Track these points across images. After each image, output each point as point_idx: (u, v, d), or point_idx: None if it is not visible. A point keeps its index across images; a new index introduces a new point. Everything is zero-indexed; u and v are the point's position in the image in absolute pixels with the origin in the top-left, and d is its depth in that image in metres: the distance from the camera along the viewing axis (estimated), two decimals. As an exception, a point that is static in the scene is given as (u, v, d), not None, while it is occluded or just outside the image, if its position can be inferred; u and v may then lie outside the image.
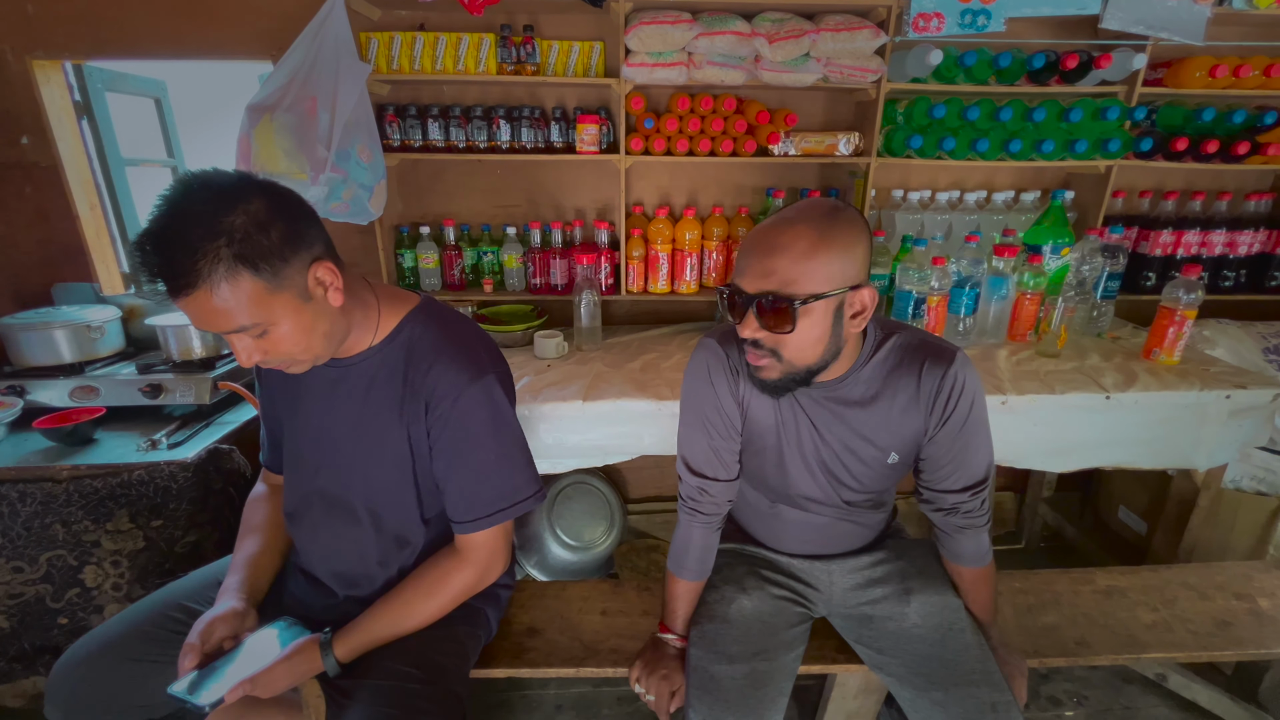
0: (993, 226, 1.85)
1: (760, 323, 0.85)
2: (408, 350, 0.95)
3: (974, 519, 1.00)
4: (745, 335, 0.87)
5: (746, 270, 0.85)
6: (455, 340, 0.96)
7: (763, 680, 1.00)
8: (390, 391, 0.94)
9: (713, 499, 1.04)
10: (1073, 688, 1.62)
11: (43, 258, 1.85)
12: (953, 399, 0.93)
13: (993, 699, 0.95)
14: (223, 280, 0.73)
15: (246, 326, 0.77)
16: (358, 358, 0.95)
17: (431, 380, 0.92)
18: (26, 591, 1.42)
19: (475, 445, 0.94)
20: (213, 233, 0.72)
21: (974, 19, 1.55)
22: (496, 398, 0.95)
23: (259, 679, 0.86)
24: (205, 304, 0.74)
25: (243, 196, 0.76)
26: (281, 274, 0.78)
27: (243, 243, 0.74)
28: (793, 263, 0.82)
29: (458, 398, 0.91)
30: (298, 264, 0.79)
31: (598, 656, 1.17)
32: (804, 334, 0.85)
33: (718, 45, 1.54)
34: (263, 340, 0.81)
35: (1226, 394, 1.41)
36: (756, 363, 0.91)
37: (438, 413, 0.92)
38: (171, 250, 0.72)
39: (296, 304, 0.80)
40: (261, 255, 0.75)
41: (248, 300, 0.76)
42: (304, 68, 1.41)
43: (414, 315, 0.98)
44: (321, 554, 1.03)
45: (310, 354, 0.86)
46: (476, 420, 0.93)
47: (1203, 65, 1.64)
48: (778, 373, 0.90)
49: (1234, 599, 1.29)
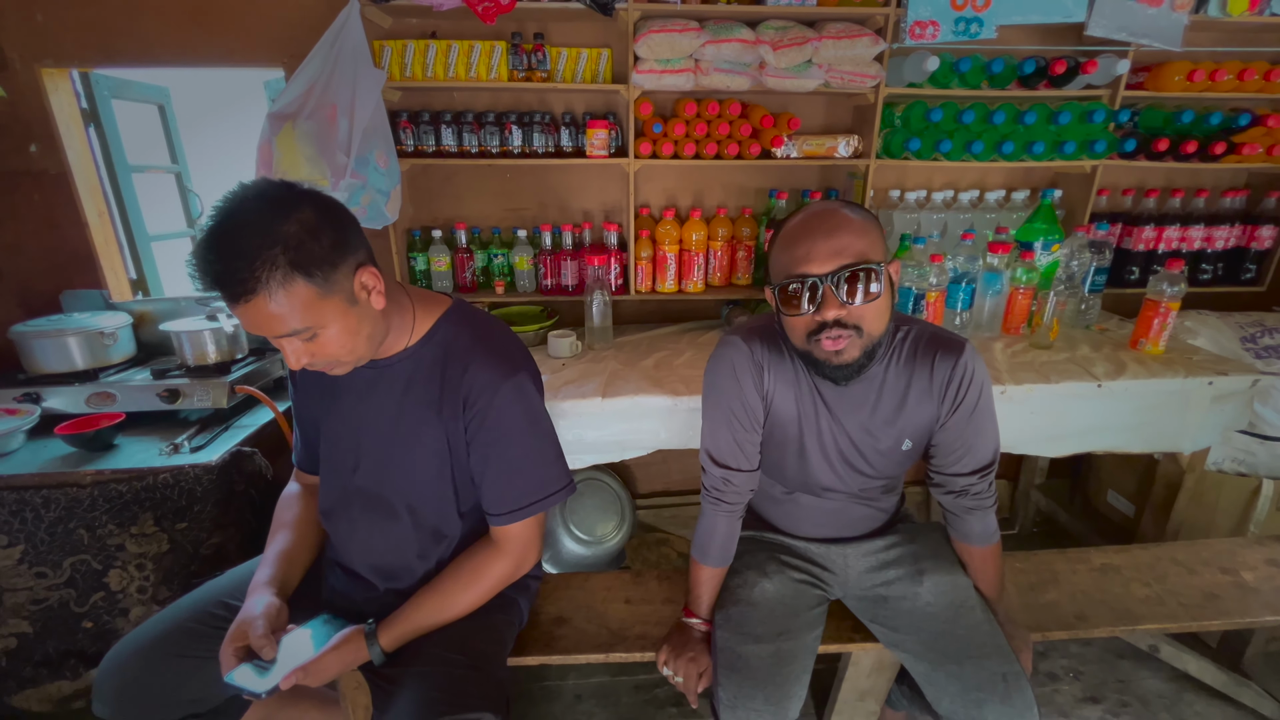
0: (986, 225, 1.93)
1: (843, 298, 0.89)
2: (445, 351, 0.98)
3: (982, 500, 1.07)
4: (829, 317, 0.90)
5: (813, 255, 0.89)
6: (489, 340, 1.00)
7: (788, 658, 1.05)
8: (428, 390, 0.98)
9: (736, 489, 1.10)
10: (1069, 663, 1.70)
11: (51, 265, 1.85)
12: (964, 387, 1.00)
13: (1003, 669, 1.01)
14: (279, 287, 0.77)
15: (299, 331, 0.81)
16: (395, 358, 0.99)
17: (469, 379, 0.96)
18: (50, 597, 1.43)
19: (510, 440, 0.98)
20: (269, 241, 0.76)
21: (967, 26, 1.62)
22: (530, 394, 1.00)
23: (310, 667, 0.89)
24: (262, 310, 0.78)
25: (295, 205, 0.80)
26: (331, 279, 0.81)
27: (297, 250, 0.77)
28: (858, 236, 0.89)
29: (494, 395, 0.95)
30: (345, 269, 0.83)
31: (625, 642, 1.21)
32: (883, 301, 0.91)
33: (724, 52, 1.59)
34: (312, 343, 0.84)
35: (1209, 380, 1.50)
36: (836, 345, 0.92)
37: (475, 410, 0.96)
38: (230, 258, 0.75)
39: (344, 308, 0.84)
40: (314, 262, 0.79)
41: (301, 305, 0.79)
42: (323, 76, 1.43)
43: (448, 317, 1.02)
44: (360, 549, 1.06)
45: (354, 356, 0.89)
46: (512, 416, 0.97)
47: (1181, 70, 1.73)
48: (858, 349, 0.93)
49: (1220, 573, 1.37)
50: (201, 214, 2.27)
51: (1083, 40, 1.72)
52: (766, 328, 1.08)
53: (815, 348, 0.95)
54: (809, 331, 0.94)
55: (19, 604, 1.42)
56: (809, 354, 0.97)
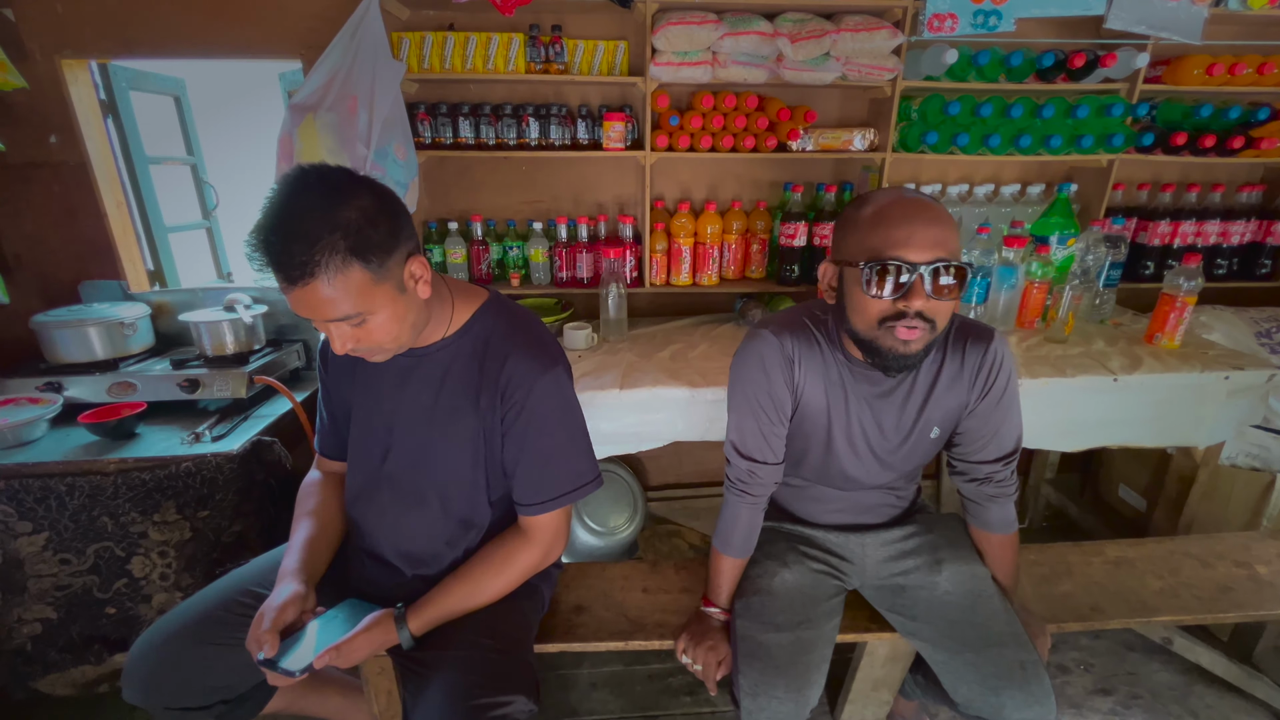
0: (1001, 219, 1.93)
1: (930, 291, 0.87)
2: (484, 342, 0.99)
3: (1004, 488, 1.08)
4: (915, 307, 0.87)
5: (913, 241, 0.86)
6: (527, 333, 1.01)
7: (808, 647, 1.06)
8: (466, 381, 0.99)
9: (761, 481, 1.10)
10: (1080, 656, 1.71)
11: (70, 255, 1.86)
12: (993, 374, 1.01)
13: (1021, 658, 1.02)
14: (337, 272, 0.78)
15: (350, 316, 0.82)
16: (433, 347, 1.00)
17: (508, 371, 0.97)
18: (74, 583, 1.45)
19: (545, 432, 0.99)
20: (330, 226, 0.77)
21: (986, 19, 1.62)
22: (566, 387, 1.01)
23: (342, 648, 0.91)
24: (316, 294, 0.79)
25: (355, 192, 0.81)
26: (385, 266, 0.82)
27: (356, 236, 0.78)
28: (953, 232, 0.89)
29: (532, 387, 0.97)
30: (398, 257, 0.84)
31: (644, 630, 1.22)
32: (958, 300, 0.91)
33: (742, 45, 1.59)
34: (360, 329, 0.85)
35: (1225, 375, 1.50)
36: (912, 336, 0.90)
37: (512, 401, 0.97)
38: (290, 241, 0.76)
39: (394, 295, 0.85)
40: (371, 249, 0.80)
41: (355, 291, 0.80)
42: (343, 67, 1.44)
43: (486, 309, 1.03)
44: (389, 535, 1.07)
45: (398, 343, 0.90)
46: (548, 409, 0.98)
47: (1200, 63, 1.72)
48: (924, 344, 0.92)
49: (1234, 566, 1.38)
50: (217, 205, 2.28)
51: (1101, 33, 1.71)
52: (796, 321, 1.08)
53: (885, 334, 0.92)
54: (884, 317, 0.91)
55: (44, 590, 1.44)
56: (873, 341, 0.94)
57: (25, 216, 1.80)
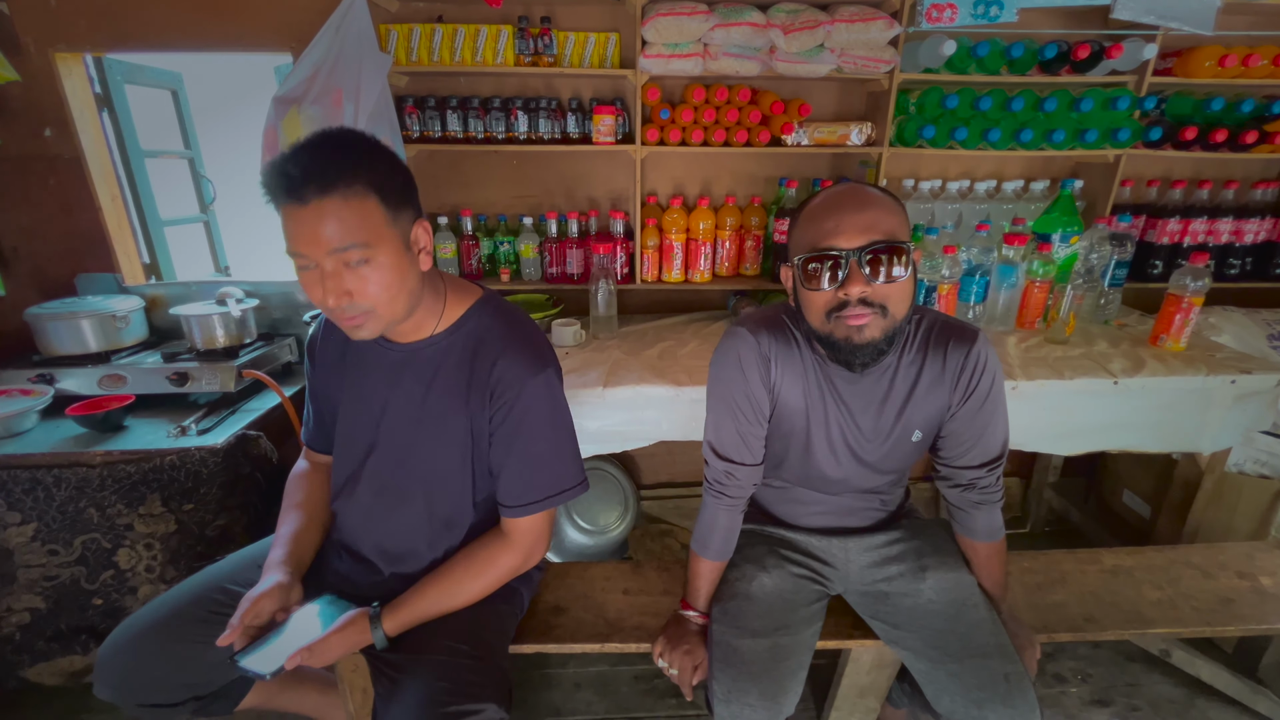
0: (1002, 215, 1.88)
1: (870, 275, 0.87)
2: (475, 341, 0.98)
3: (989, 494, 1.04)
4: (854, 294, 0.87)
5: (841, 229, 0.86)
6: (519, 334, 0.99)
7: (784, 654, 1.04)
8: (457, 379, 0.98)
9: (739, 482, 1.08)
10: (1078, 665, 1.67)
11: (66, 249, 1.87)
12: (975, 376, 0.98)
13: (1005, 670, 0.99)
14: (356, 196, 0.80)
15: (356, 246, 0.81)
16: (423, 343, 0.99)
17: (498, 371, 0.95)
18: (62, 574, 1.46)
19: (533, 435, 0.98)
20: (359, 154, 0.82)
21: (986, 9, 1.57)
22: (556, 391, 1.00)
23: (314, 648, 0.89)
24: (330, 211, 0.79)
25: (378, 146, 0.86)
26: (399, 214, 0.85)
27: (381, 173, 0.83)
28: (889, 214, 0.87)
29: (522, 389, 0.95)
30: (408, 213, 0.88)
31: (621, 633, 1.21)
32: (909, 283, 0.89)
33: (733, 36, 1.56)
34: (359, 272, 0.83)
35: (1232, 379, 1.45)
36: (860, 321, 0.89)
37: (501, 402, 0.96)
38: (325, 154, 0.80)
39: (400, 248, 0.86)
40: (390, 189, 0.84)
41: (367, 220, 0.81)
42: (328, 60, 1.43)
43: (479, 307, 1.01)
44: (369, 532, 1.06)
45: (390, 308, 0.88)
46: (537, 411, 0.97)
47: (1212, 55, 1.66)
48: (880, 330, 0.90)
49: (1237, 577, 1.33)
50: (214, 199, 2.29)
51: (1108, 24, 1.66)
52: (774, 318, 1.05)
53: (836, 326, 0.91)
54: (830, 309, 0.90)
55: (32, 580, 1.46)
56: (828, 335, 0.92)
57: (21, 210, 1.82)
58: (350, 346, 1.05)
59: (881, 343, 0.91)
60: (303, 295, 1.92)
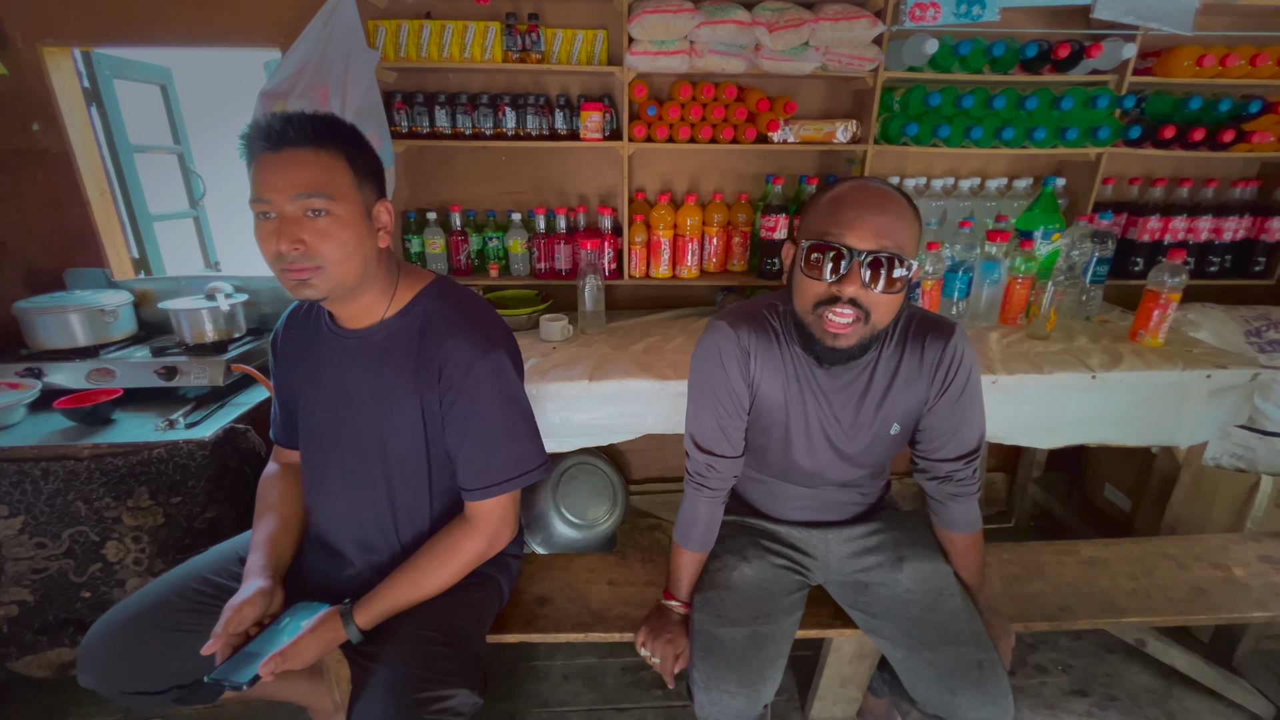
0: (986, 213, 1.90)
1: (869, 281, 0.87)
2: (423, 323, 0.99)
3: (966, 486, 1.06)
4: (847, 293, 0.87)
5: (856, 226, 0.86)
6: (468, 316, 1.00)
7: (763, 642, 1.05)
8: (405, 362, 0.99)
9: (719, 474, 1.10)
10: (1058, 656, 1.69)
11: (54, 243, 1.87)
12: (952, 370, 0.99)
13: (979, 657, 1.01)
14: (328, 153, 0.88)
15: (320, 194, 0.86)
16: (374, 328, 1.00)
17: (445, 352, 0.96)
18: (50, 566, 1.47)
19: (485, 416, 0.99)
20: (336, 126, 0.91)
21: (969, 8, 1.59)
22: (506, 371, 1.00)
23: (288, 652, 0.91)
24: (303, 158, 0.86)
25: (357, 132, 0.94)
26: (364, 184, 0.92)
27: (353, 147, 0.91)
28: (906, 226, 0.87)
29: (469, 369, 0.96)
30: (373, 188, 0.94)
31: (605, 623, 1.22)
32: (901, 296, 0.90)
33: (719, 34, 1.57)
34: (317, 223, 0.87)
35: (1207, 374, 1.47)
36: (841, 328, 0.89)
37: (449, 383, 0.97)
38: (305, 116, 0.88)
39: (360, 213, 0.91)
40: (360, 162, 0.91)
41: (334, 175, 0.88)
42: (315, 55, 1.44)
43: (429, 290, 1.02)
44: (341, 522, 1.07)
45: (343, 270, 0.91)
46: (486, 392, 0.98)
47: (1191, 55, 1.68)
48: (858, 337, 0.91)
49: (1210, 568, 1.35)
50: (204, 194, 2.29)
51: (1089, 24, 1.68)
52: (755, 312, 1.07)
53: (817, 320, 0.92)
54: (818, 300, 0.91)
55: (20, 573, 1.46)
56: (808, 326, 0.94)
57: (9, 203, 1.82)
58: (308, 339, 1.07)
59: (855, 349, 0.93)
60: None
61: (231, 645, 0.93)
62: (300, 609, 1.00)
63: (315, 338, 1.06)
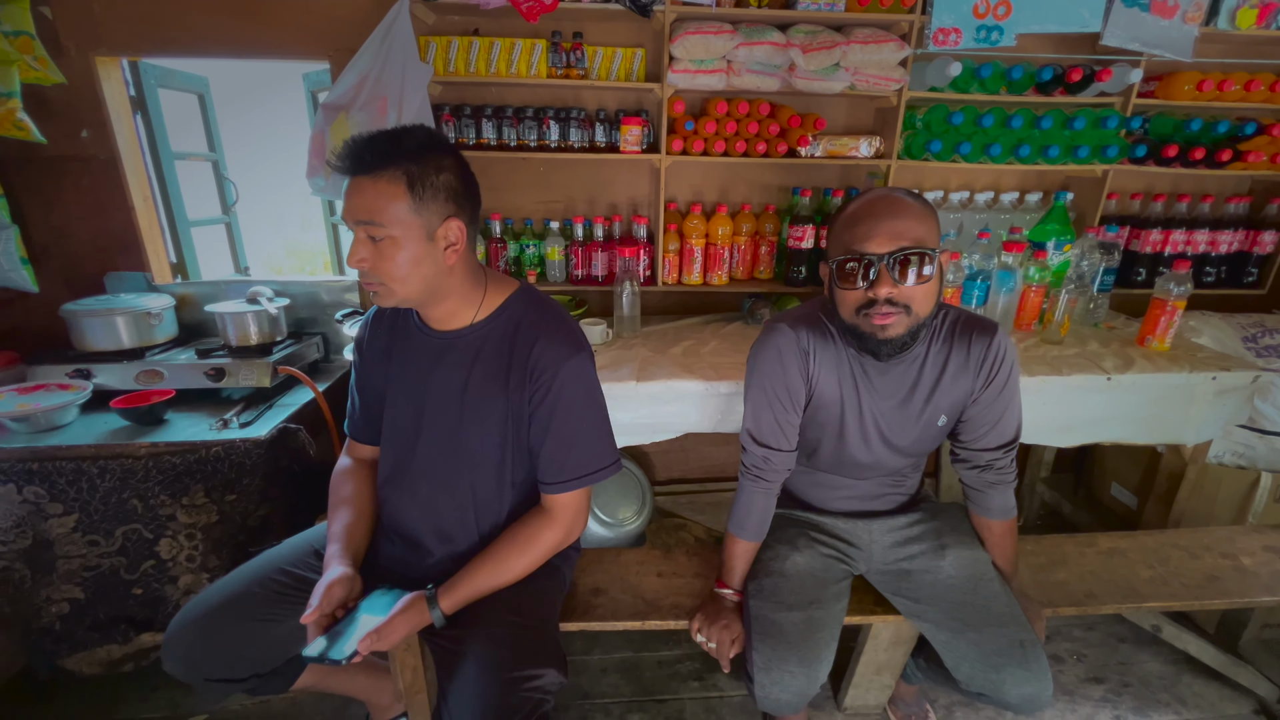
0: (999, 225, 2.01)
1: (898, 278, 0.97)
2: (514, 327, 1.05)
3: (1004, 475, 1.14)
4: (881, 294, 0.97)
5: (874, 234, 0.97)
6: (554, 319, 1.07)
7: (818, 625, 1.12)
8: (496, 363, 1.05)
9: (774, 467, 1.16)
10: (1073, 647, 1.78)
11: (97, 247, 1.90)
12: (997, 364, 1.08)
13: (1020, 637, 1.08)
14: (384, 180, 0.91)
15: (373, 222, 0.92)
16: (464, 330, 1.06)
17: (536, 353, 1.02)
18: (102, 564, 1.49)
19: (570, 414, 1.05)
20: (405, 151, 0.93)
21: (988, 34, 1.69)
22: (591, 372, 1.07)
23: (381, 630, 0.95)
24: (361, 187, 0.92)
25: (441, 149, 0.97)
26: (424, 205, 0.94)
27: (416, 168, 0.93)
28: (919, 221, 0.97)
29: (559, 370, 1.02)
30: (439, 209, 0.95)
31: (659, 611, 1.27)
32: (933, 285, 0.99)
33: (756, 54, 1.66)
34: (375, 247, 0.94)
35: (1213, 376, 1.57)
36: (885, 321, 0.99)
37: (540, 383, 1.03)
38: (372, 142, 0.92)
39: (420, 235, 0.95)
40: (420, 182, 0.93)
41: (387, 203, 0.92)
42: (374, 69, 1.50)
43: (517, 296, 1.09)
44: (420, 514, 1.12)
45: (403, 287, 0.97)
46: (573, 391, 1.04)
47: (1191, 80, 1.81)
48: (904, 328, 1.01)
49: (1220, 557, 1.44)
50: (236, 200, 2.33)
51: (1097, 50, 1.79)
52: (812, 315, 1.15)
53: (863, 322, 1.02)
54: (859, 306, 1.01)
55: (72, 570, 1.48)
56: (855, 328, 1.03)
57: (54, 208, 1.85)
58: (396, 339, 1.12)
59: (905, 337, 1.02)
60: (328, 295, 1.98)
61: (320, 626, 0.97)
62: (381, 594, 1.05)
63: (405, 338, 1.11)
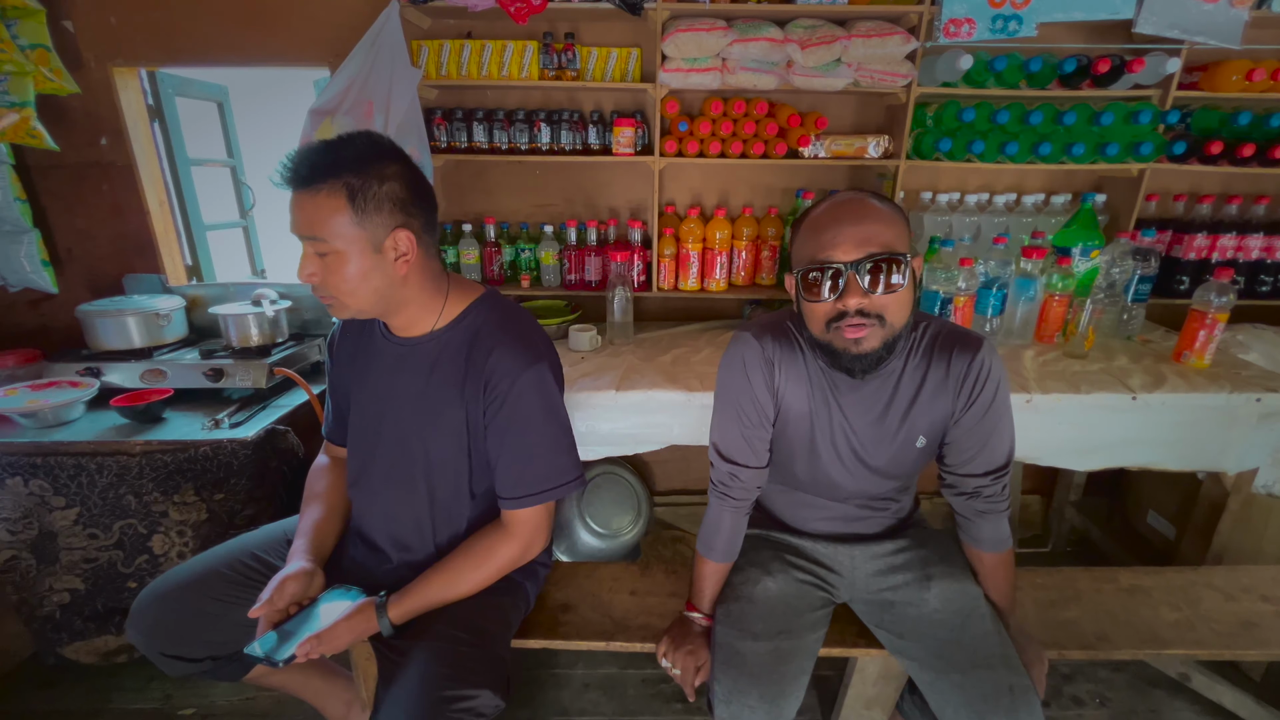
0: (1022, 229, 1.87)
1: (868, 287, 0.89)
2: (472, 334, 1.03)
3: (994, 503, 1.04)
4: (851, 305, 0.89)
5: (839, 241, 0.88)
6: (515, 328, 1.03)
7: (786, 657, 1.04)
8: (453, 371, 1.02)
9: (743, 484, 1.10)
10: (1095, 688, 1.63)
11: (116, 250, 1.99)
12: (979, 383, 0.98)
13: (1010, 681, 0.98)
14: (324, 193, 0.89)
15: (316, 237, 0.90)
16: (424, 337, 1.04)
17: (492, 363, 1.00)
18: (101, 556, 1.54)
19: (526, 427, 1.01)
20: (344, 161, 0.89)
21: (1005, 24, 1.58)
22: (548, 384, 1.03)
23: (324, 636, 0.94)
24: (302, 202, 0.90)
25: (386, 156, 0.93)
26: (367, 217, 0.91)
27: (358, 178, 0.89)
28: (886, 225, 0.89)
29: (515, 381, 0.99)
30: (385, 220, 0.92)
31: (627, 632, 1.23)
32: (906, 293, 0.91)
33: (751, 51, 1.59)
34: (322, 261, 0.92)
35: (1257, 397, 1.41)
36: (858, 334, 0.91)
37: (495, 393, 1.00)
38: (311, 155, 0.90)
39: (365, 249, 0.92)
40: (362, 194, 0.90)
41: (329, 217, 0.89)
42: (362, 73, 1.50)
43: (479, 303, 1.06)
44: (379, 519, 1.11)
45: (354, 301, 0.95)
46: (529, 404, 1.01)
47: (1240, 69, 1.64)
48: (878, 340, 0.92)
49: (1261, 601, 1.29)
50: (254, 205, 2.40)
51: (1130, 38, 1.65)
52: (779, 324, 1.08)
53: (835, 336, 0.93)
54: (829, 319, 0.92)
55: (74, 561, 1.54)
56: (828, 344, 0.95)
57: (77, 213, 1.94)
58: (361, 344, 1.11)
59: (880, 351, 0.93)
60: (332, 297, 2.01)
61: (270, 621, 0.96)
62: (337, 590, 1.04)
63: (369, 343, 1.10)
